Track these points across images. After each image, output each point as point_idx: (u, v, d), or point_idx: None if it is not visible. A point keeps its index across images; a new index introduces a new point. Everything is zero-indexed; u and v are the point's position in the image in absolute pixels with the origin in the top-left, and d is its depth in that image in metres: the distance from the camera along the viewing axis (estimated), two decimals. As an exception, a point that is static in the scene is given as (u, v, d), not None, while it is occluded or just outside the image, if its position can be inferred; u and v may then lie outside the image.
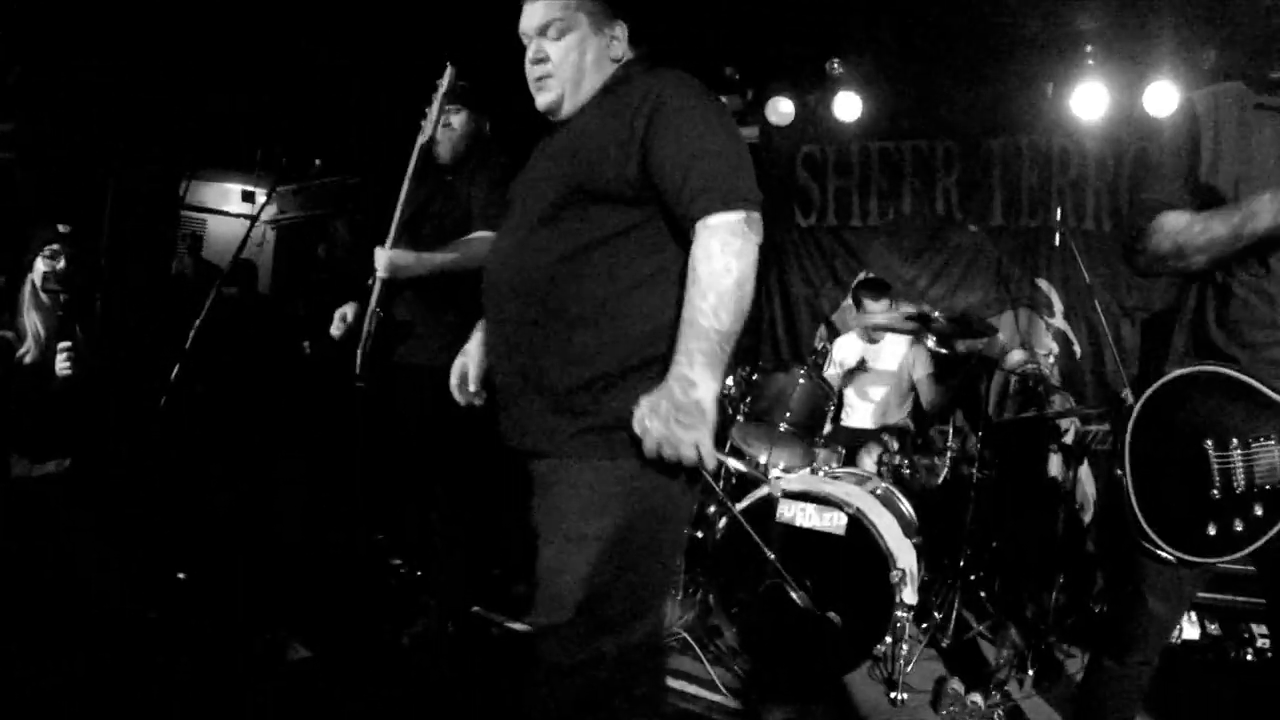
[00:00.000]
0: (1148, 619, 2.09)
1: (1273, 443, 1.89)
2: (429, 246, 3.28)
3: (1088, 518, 4.49)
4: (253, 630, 3.53)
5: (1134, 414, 2.02)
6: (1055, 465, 4.54)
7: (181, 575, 3.92)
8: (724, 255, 1.71)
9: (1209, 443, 1.94)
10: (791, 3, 5.11)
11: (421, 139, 3.27)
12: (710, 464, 1.74)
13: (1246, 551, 1.92)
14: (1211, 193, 1.98)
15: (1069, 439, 4.39)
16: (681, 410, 1.67)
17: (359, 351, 3.55)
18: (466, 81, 3.42)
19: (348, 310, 3.67)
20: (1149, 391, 2.02)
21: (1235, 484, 1.92)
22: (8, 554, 3.42)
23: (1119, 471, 2.03)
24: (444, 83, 3.21)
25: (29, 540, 3.52)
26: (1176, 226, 2.00)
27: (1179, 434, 1.98)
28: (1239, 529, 1.91)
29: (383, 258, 3.25)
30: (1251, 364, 1.93)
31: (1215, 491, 1.93)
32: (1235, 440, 1.92)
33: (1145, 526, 2.00)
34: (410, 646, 3.47)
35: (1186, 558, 1.97)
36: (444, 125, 3.42)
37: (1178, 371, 2.00)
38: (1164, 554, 1.98)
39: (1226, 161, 1.96)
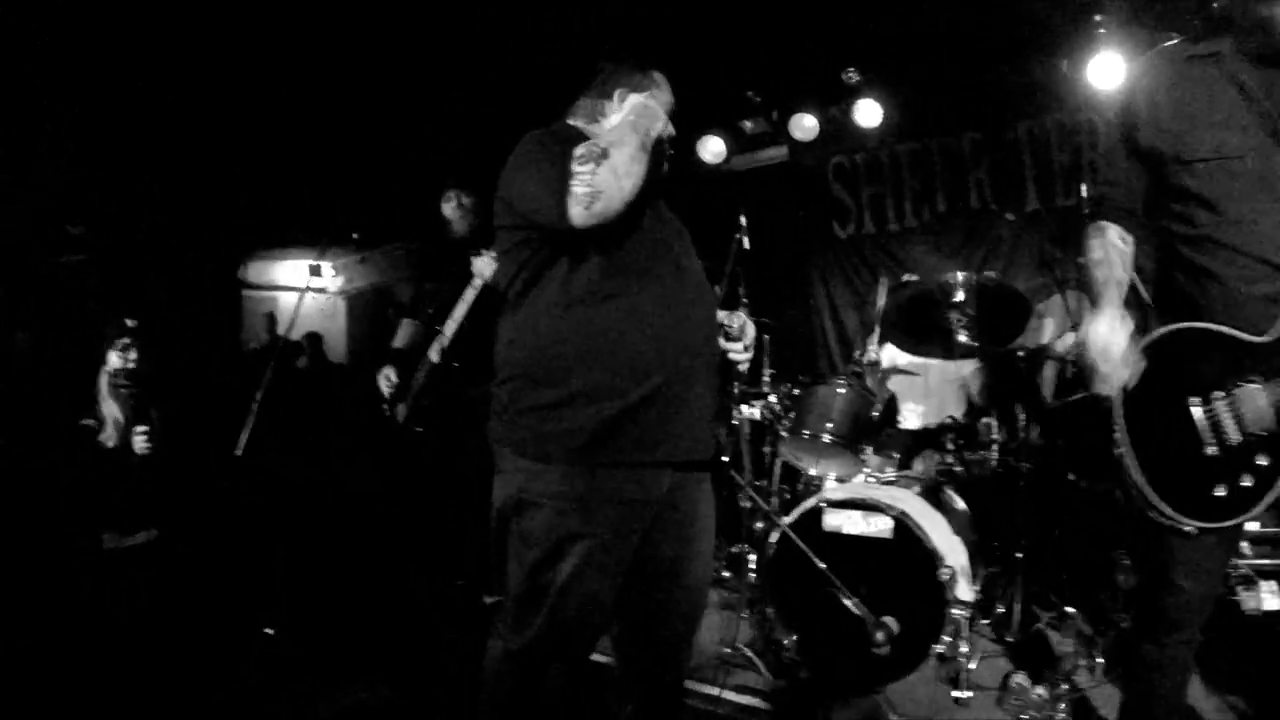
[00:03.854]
0: (1181, 597, 2.02)
1: (1255, 385, 1.84)
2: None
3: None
4: (340, 679, 3.70)
5: (1120, 394, 1.99)
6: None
7: (269, 630, 4.11)
8: None
9: (1192, 400, 1.90)
10: (803, 17, 5.20)
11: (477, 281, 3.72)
12: None
13: (1262, 506, 1.86)
14: (1153, 155, 1.98)
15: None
16: None
17: (409, 401, 3.80)
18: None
19: (389, 371, 3.92)
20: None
21: (1227, 436, 1.87)
22: (106, 620, 3.69)
23: (1117, 452, 1.99)
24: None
25: (125, 607, 3.79)
26: (1102, 244, 2.08)
27: (1164, 400, 1.94)
28: (1247, 484, 1.86)
29: (486, 263, 3.59)
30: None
31: (1212, 448, 1.89)
32: (1217, 390, 1.88)
33: (1157, 502, 1.95)
34: None
35: (1204, 525, 1.90)
36: (457, 206, 3.79)
37: (1147, 339, 1.98)
38: (1183, 526, 1.92)
39: (1165, 122, 1.95)
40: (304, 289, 4.36)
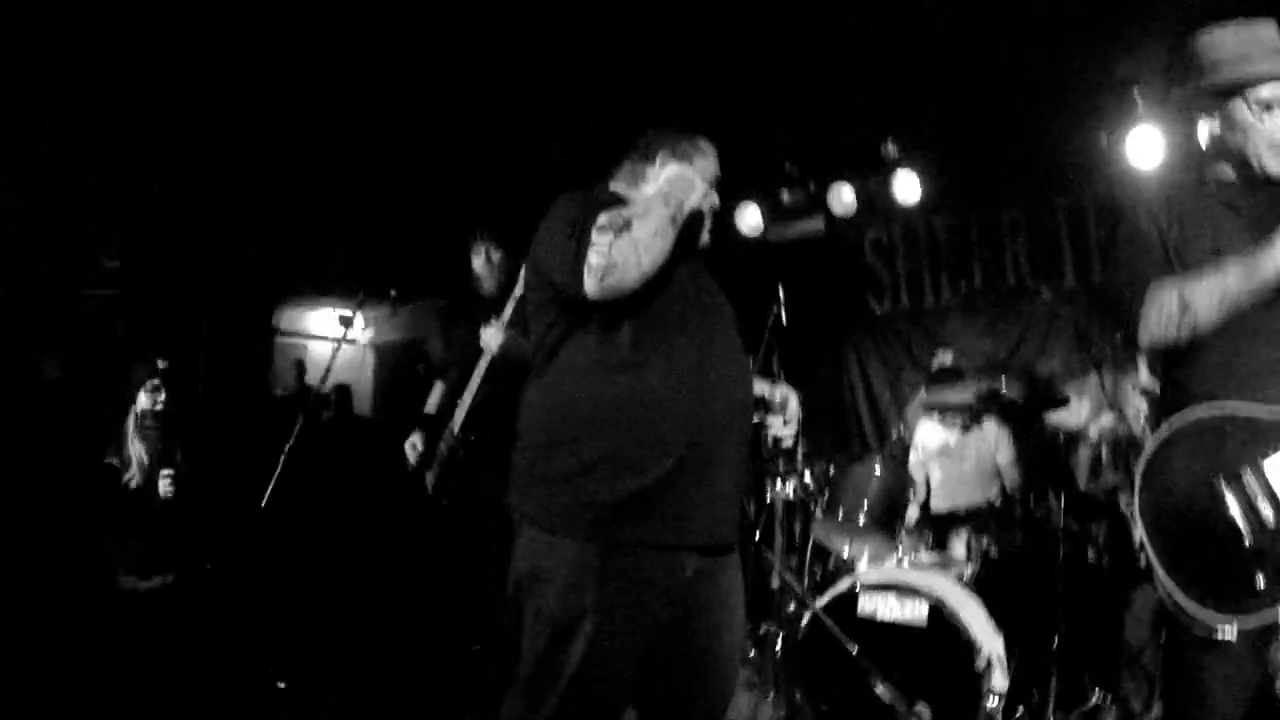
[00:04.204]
0: (1211, 713, 1.87)
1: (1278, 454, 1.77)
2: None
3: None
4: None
5: (1138, 497, 1.90)
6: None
7: (281, 685, 4.02)
8: None
9: (1221, 482, 1.81)
10: (842, 90, 5.23)
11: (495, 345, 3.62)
12: None
13: None
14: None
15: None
16: None
17: (435, 470, 3.74)
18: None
19: (416, 439, 3.86)
20: (1143, 465, 1.92)
21: (1265, 515, 1.77)
22: (118, 662, 3.62)
23: (1147, 563, 1.88)
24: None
25: (138, 650, 3.72)
26: (1179, 284, 1.90)
27: (1190, 490, 1.84)
28: None
29: (494, 335, 3.51)
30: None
31: (1247, 533, 1.78)
32: (1244, 469, 1.80)
33: (1186, 604, 1.82)
34: None
35: (1247, 624, 1.77)
36: (485, 261, 3.75)
37: (1163, 430, 1.90)
38: (1218, 632, 1.78)
39: (1193, 247, 1.93)
40: (338, 341, 4.33)
